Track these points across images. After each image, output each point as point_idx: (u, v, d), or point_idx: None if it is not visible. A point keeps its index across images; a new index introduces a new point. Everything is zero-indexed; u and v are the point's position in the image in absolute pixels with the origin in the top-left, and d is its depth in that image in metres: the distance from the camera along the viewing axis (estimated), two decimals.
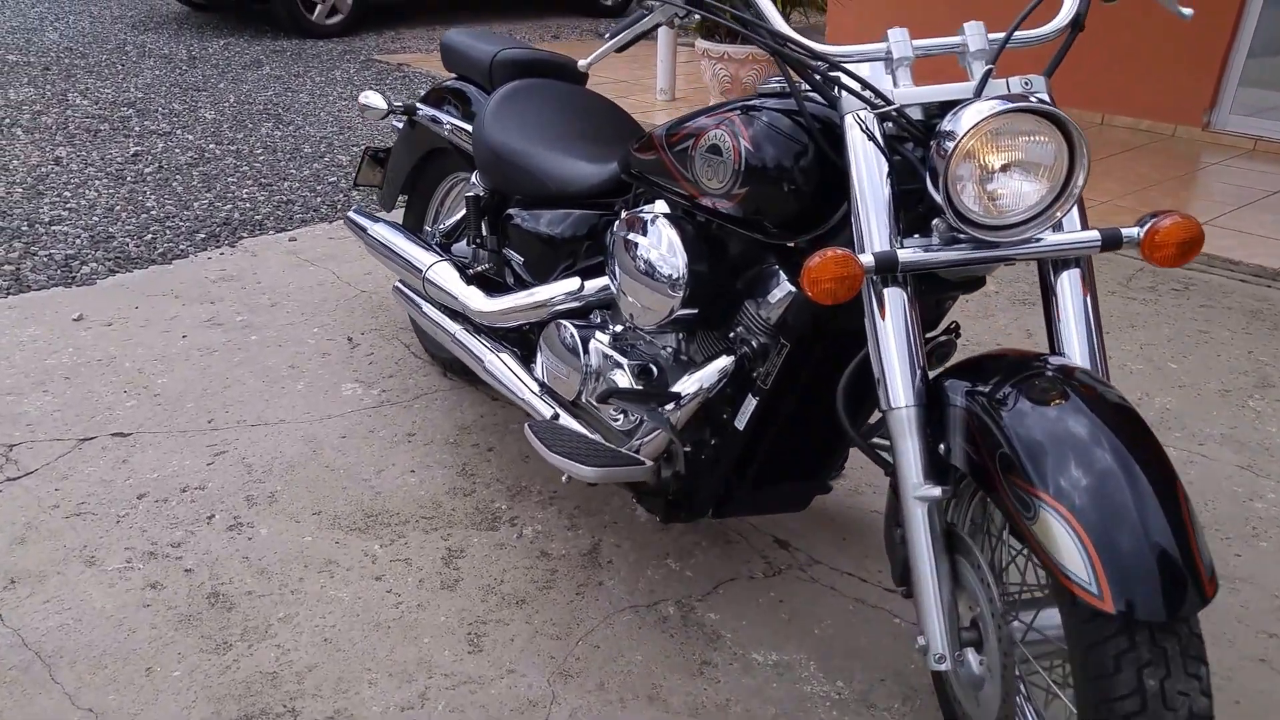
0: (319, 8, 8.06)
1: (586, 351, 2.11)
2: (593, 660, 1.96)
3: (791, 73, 1.58)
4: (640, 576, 2.20)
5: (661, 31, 5.75)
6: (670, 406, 1.88)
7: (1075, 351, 1.54)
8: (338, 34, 8.10)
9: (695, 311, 1.86)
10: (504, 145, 2.40)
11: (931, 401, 1.49)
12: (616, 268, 2.00)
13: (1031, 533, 1.31)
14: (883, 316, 1.50)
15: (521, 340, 2.44)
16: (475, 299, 2.40)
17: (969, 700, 1.67)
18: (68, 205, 4.25)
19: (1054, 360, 1.49)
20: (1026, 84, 1.50)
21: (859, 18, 6.60)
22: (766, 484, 2.00)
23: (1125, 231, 1.50)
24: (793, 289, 1.70)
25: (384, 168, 3.15)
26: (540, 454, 2.00)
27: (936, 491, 1.48)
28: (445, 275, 2.50)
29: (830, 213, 1.63)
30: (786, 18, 5.67)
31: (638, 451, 2.00)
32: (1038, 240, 1.49)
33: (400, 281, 2.78)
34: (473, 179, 2.57)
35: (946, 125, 1.41)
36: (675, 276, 1.83)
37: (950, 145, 1.38)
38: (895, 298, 1.50)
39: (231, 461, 2.54)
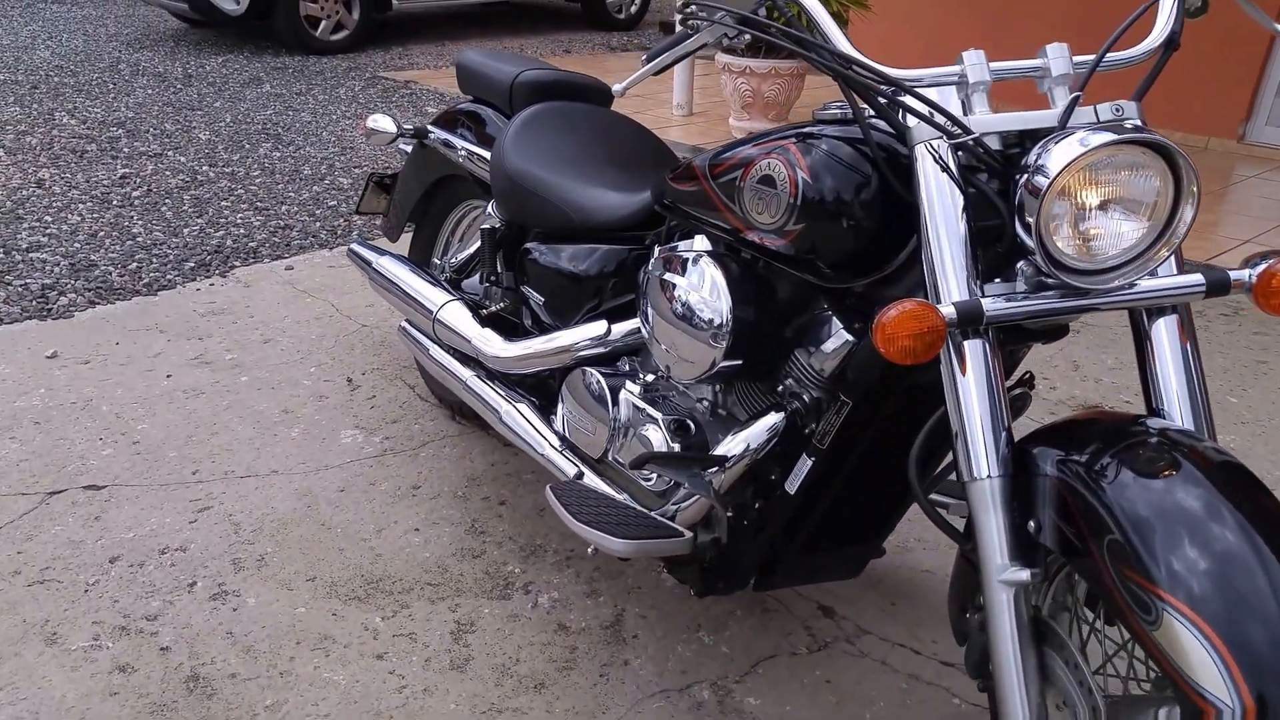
0: (323, 24, 7.87)
1: (615, 403, 1.89)
2: None
3: (855, 97, 1.41)
4: (670, 654, 1.97)
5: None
6: (713, 470, 1.65)
7: (1176, 410, 1.37)
8: (342, 51, 7.91)
9: (739, 363, 1.63)
10: (524, 173, 2.18)
11: (1017, 470, 1.31)
12: (650, 311, 1.78)
13: (1151, 639, 1.12)
14: (963, 372, 1.32)
15: (540, 388, 2.22)
16: (491, 343, 2.17)
17: None
18: (47, 231, 4.03)
19: (1155, 423, 1.32)
20: (1117, 110, 1.34)
21: (882, 34, 6.39)
22: (817, 550, 1.77)
23: (1234, 274, 1.34)
24: (850, 337, 1.51)
25: (389, 194, 2.94)
26: (564, 522, 1.77)
27: (1025, 575, 1.29)
28: (457, 317, 2.28)
29: (893, 253, 1.45)
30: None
31: (673, 517, 1.78)
32: (1132, 286, 1.32)
33: (406, 321, 2.56)
34: (488, 209, 2.35)
35: (1037, 158, 1.25)
36: (718, 323, 1.61)
37: (1043, 181, 1.22)
38: (977, 352, 1.32)
39: (217, 519, 2.32)
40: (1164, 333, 1.39)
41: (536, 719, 1.80)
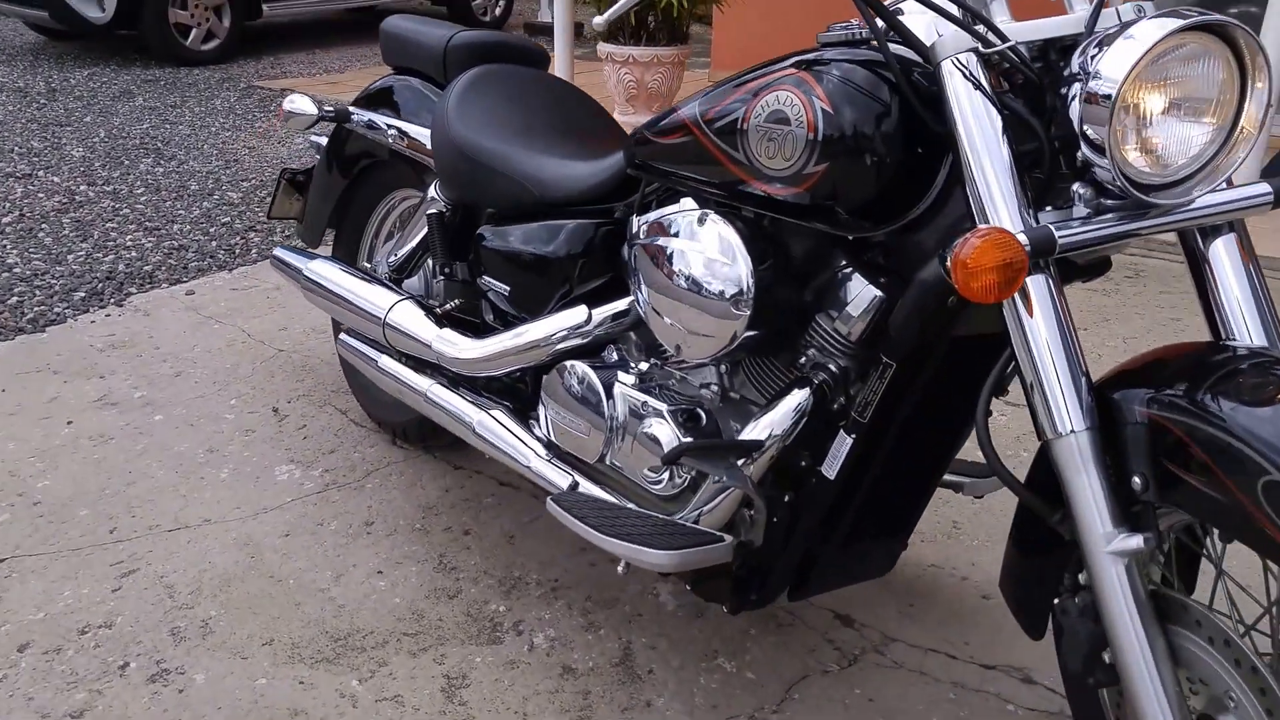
0: (194, 32, 7.40)
1: (610, 398, 1.66)
2: None
3: (870, 10, 1.25)
4: (694, 687, 1.75)
5: (559, 36, 5.34)
6: (740, 461, 1.45)
7: (1247, 333, 1.26)
8: (214, 61, 7.45)
9: (760, 334, 1.43)
10: (473, 145, 1.93)
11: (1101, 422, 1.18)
12: (646, 288, 1.57)
13: None
14: (1030, 314, 1.18)
15: (510, 391, 1.97)
16: (454, 344, 1.92)
17: None
18: None
19: (1241, 346, 1.23)
20: (1139, 10, 1.20)
21: (744, 39, 6.26)
22: (854, 546, 1.58)
23: None
24: (878, 294, 1.35)
25: (304, 193, 2.64)
26: (584, 536, 1.55)
27: (1137, 541, 1.14)
28: (411, 318, 2.02)
29: (917, 193, 1.30)
30: (675, 28, 5.42)
31: (696, 521, 1.56)
32: (1193, 202, 1.22)
33: (346, 332, 2.28)
34: (431, 192, 2.09)
35: (1090, 63, 1.14)
36: (738, 290, 1.41)
37: (1109, 85, 1.11)
38: (1042, 290, 1.19)
39: (145, 583, 2.01)
40: (1223, 254, 1.28)
41: None
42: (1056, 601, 1.33)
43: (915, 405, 1.41)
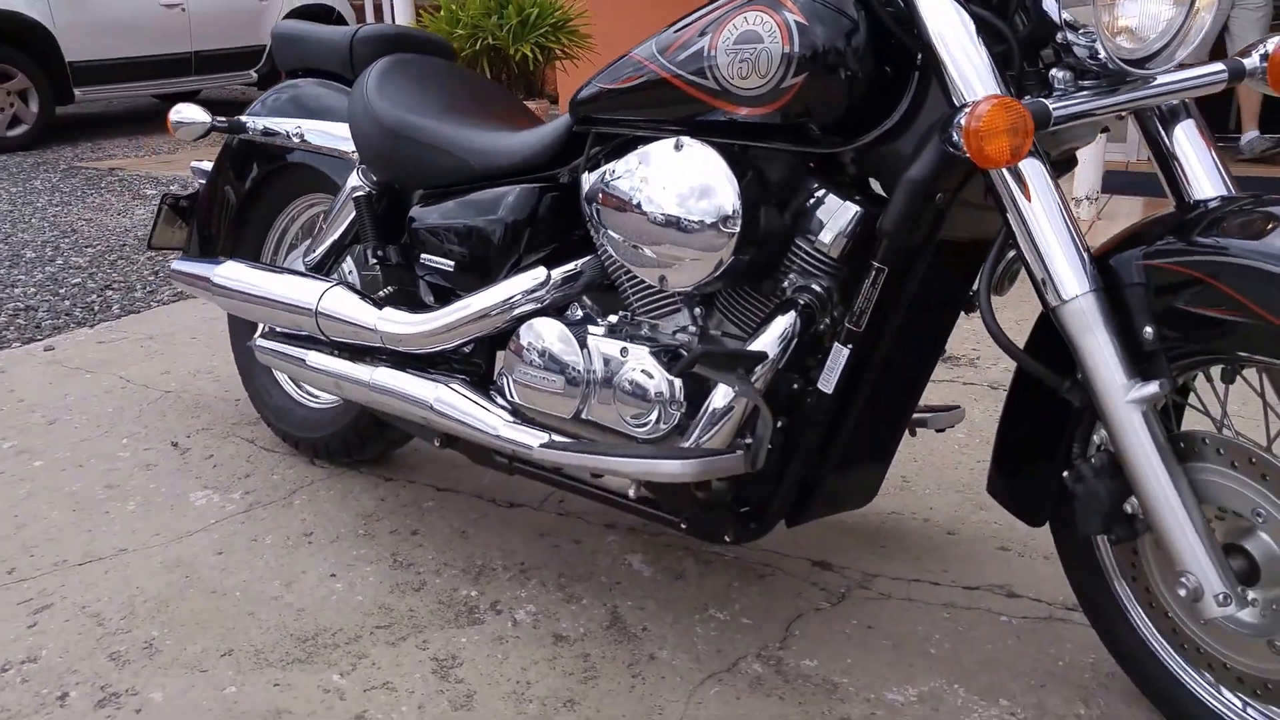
0: None
1: (585, 350, 1.61)
2: None
3: None
4: (693, 637, 1.70)
5: None
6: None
7: (1213, 193, 1.35)
8: (23, 147, 7.00)
9: (744, 259, 1.43)
10: (403, 122, 1.88)
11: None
12: (614, 233, 1.54)
13: None
14: (1028, 198, 1.25)
15: (460, 368, 1.88)
16: (402, 321, 1.83)
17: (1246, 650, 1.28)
18: None
19: (1215, 199, 1.33)
20: None
21: None
22: (847, 469, 1.58)
23: (1246, 62, 1.36)
24: (857, 209, 1.39)
25: (189, 220, 2.49)
26: (596, 465, 1.53)
27: (1154, 387, 1.22)
28: (347, 303, 1.90)
29: (882, 108, 1.35)
30: (531, 82, 5.47)
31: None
32: (1157, 79, 1.31)
33: (264, 335, 2.14)
34: (352, 180, 2.00)
35: None
36: (725, 211, 1.40)
37: None
38: (1036, 169, 1.26)
39: (65, 615, 1.80)
40: (1184, 135, 1.38)
41: None
42: (1067, 473, 1.36)
43: (904, 312, 1.43)
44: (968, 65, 1.25)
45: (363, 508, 2.15)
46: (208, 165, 2.47)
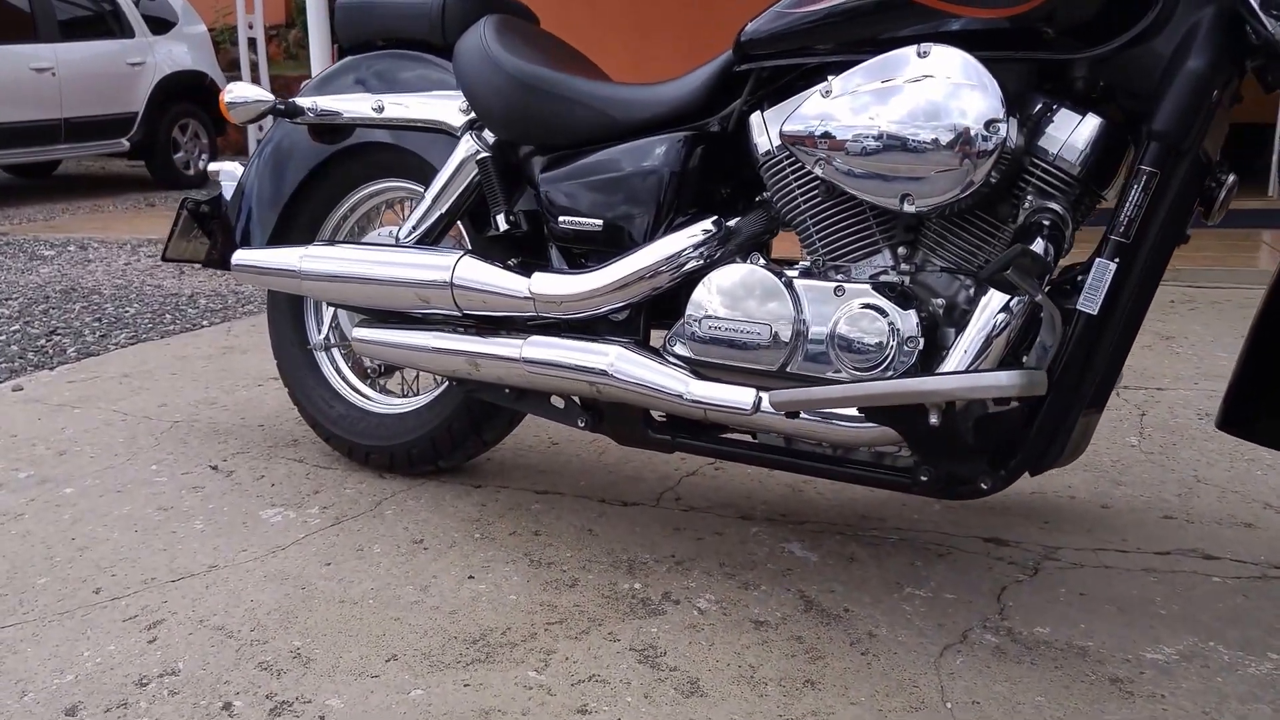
0: None
1: (792, 293, 1.47)
2: None
3: None
4: (902, 614, 1.56)
5: None
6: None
7: None
8: None
9: (996, 180, 1.34)
10: (536, 74, 1.74)
11: None
12: (830, 163, 1.40)
13: None
14: None
15: (622, 333, 1.71)
16: (562, 282, 1.66)
17: None
18: None
19: None
20: None
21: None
22: (1087, 412, 1.46)
23: None
24: (1098, 119, 1.32)
25: (207, 228, 2.25)
26: (855, 395, 1.39)
27: None
28: (486, 272, 1.72)
29: (1128, 11, 1.28)
30: None
31: None
32: None
33: (362, 322, 1.92)
34: (468, 142, 1.83)
35: None
36: (986, 113, 1.29)
37: None
38: None
39: (186, 628, 1.53)
40: None
41: (854, 717, 1.31)
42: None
43: (1165, 222, 1.34)
44: None
45: (466, 514, 1.94)
46: (230, 166, 2.26)
